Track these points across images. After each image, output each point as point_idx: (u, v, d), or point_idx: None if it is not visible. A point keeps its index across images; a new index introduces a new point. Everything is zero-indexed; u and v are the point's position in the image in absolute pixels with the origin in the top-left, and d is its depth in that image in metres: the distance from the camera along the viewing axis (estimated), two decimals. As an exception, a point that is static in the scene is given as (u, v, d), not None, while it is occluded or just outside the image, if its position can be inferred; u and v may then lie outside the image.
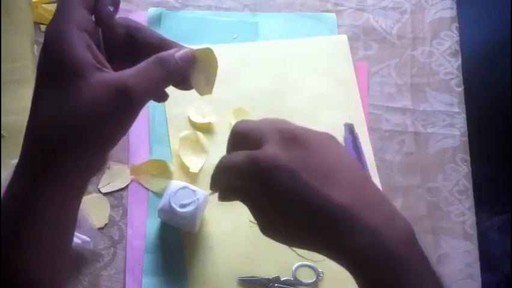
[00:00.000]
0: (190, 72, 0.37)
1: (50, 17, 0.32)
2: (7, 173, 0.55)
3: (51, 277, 0.34)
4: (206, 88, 0.39)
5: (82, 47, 0.31)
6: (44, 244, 0.33)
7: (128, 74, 0.32)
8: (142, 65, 0.33)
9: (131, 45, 0.36)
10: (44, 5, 0.69)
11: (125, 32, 0.36)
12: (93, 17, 0.35)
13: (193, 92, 0.40)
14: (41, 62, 0.33)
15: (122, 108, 0.32)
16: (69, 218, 0.35)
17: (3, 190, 0.34)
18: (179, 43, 0.37)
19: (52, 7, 0.69)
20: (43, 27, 0.68)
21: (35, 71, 0.30)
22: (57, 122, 0.31)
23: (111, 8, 0.34)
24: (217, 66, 0.38)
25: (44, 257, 0.34)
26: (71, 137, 0.32)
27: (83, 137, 0.32)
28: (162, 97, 0.40)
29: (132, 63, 0.34)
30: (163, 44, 0.36)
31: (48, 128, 0.32)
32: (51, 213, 0.33)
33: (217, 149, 0.64)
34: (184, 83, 0.37)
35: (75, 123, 0.31)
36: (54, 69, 0.31)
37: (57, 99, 0.31)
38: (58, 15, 0.32)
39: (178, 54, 0.35)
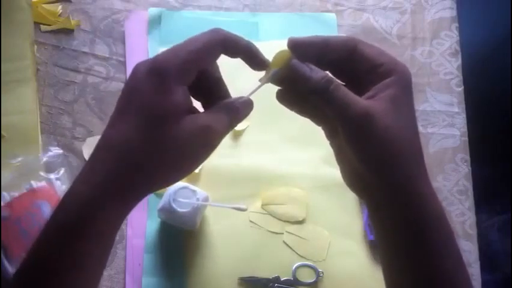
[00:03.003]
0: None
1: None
2: (7, 173, 0.55)
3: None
4: None
5: (184, 99, 0.37)
6: (94, 255, 0.36)
7: (209, 116, 0.39)
8: (214, 109, 0.40)
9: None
10: (44, 5, 0.69)
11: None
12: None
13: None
14: (146, 92, 0.35)
15: (205, 141, 0.38)
16: (114, 234, 0.37)
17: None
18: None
19: (52, 7, 0.69)
20: (43, 27, 0.68)
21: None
22: (151, 147, 0.35)
23: None
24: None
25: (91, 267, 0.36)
26: (161, 162, 0.36)
27: (172, 162, 0.36)
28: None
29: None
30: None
31: (137, 149, 0.35)
32: (110, 224, 0.36)
33: (217, 149, 0.64)
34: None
35: (168, 151, 0.36)
36: (158, 107, 0.35)
37: (156, 129, 0.35)
38: (169, 69, 0.36)
39: (239, 101, 0.42)
